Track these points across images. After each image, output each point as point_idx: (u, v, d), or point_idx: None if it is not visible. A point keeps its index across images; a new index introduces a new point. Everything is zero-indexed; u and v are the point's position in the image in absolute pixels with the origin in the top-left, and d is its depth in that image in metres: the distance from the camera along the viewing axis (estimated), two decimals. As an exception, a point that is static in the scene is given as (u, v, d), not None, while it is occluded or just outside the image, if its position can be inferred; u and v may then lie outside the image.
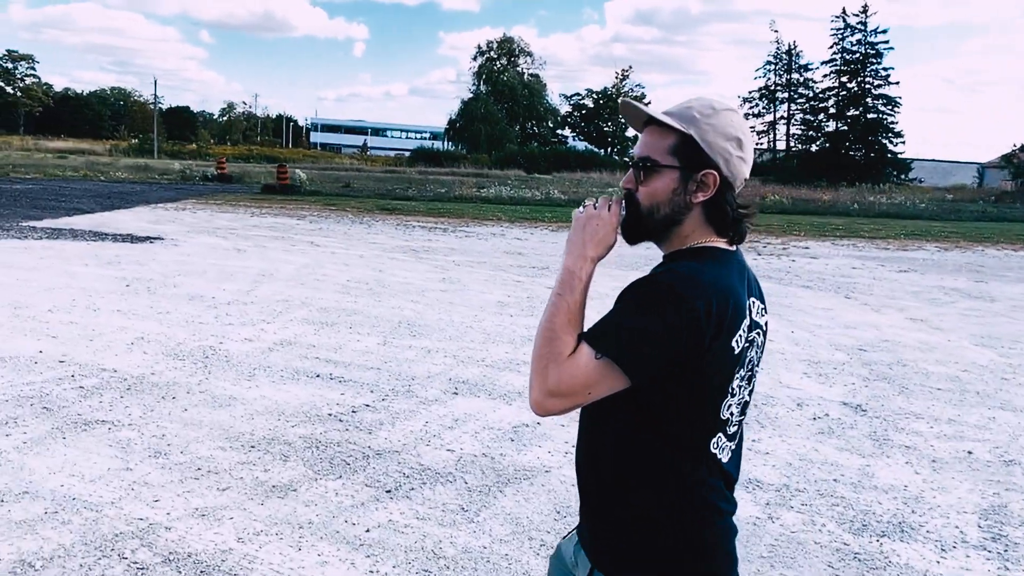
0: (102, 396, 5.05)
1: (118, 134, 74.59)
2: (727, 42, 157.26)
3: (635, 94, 67.07)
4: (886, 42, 54.97)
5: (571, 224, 1.46)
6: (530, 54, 72.78)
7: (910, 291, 10.78)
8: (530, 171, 46.55)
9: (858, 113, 49.36)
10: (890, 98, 49.14)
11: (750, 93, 56.05)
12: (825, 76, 52.91)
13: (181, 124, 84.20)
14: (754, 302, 1.44)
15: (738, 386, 1.42)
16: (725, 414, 1.41)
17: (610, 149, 64.93)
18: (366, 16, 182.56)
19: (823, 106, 51.79)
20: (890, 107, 49.18)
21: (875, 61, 49.04)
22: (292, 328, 7.14)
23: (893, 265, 13.54)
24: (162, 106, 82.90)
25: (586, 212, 1.45)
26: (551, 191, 28.51)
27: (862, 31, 49.11)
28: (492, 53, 70.87)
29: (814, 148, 51.55)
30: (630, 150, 1.51)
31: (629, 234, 1.47)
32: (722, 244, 1.44)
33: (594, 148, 65.13)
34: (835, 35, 50.05)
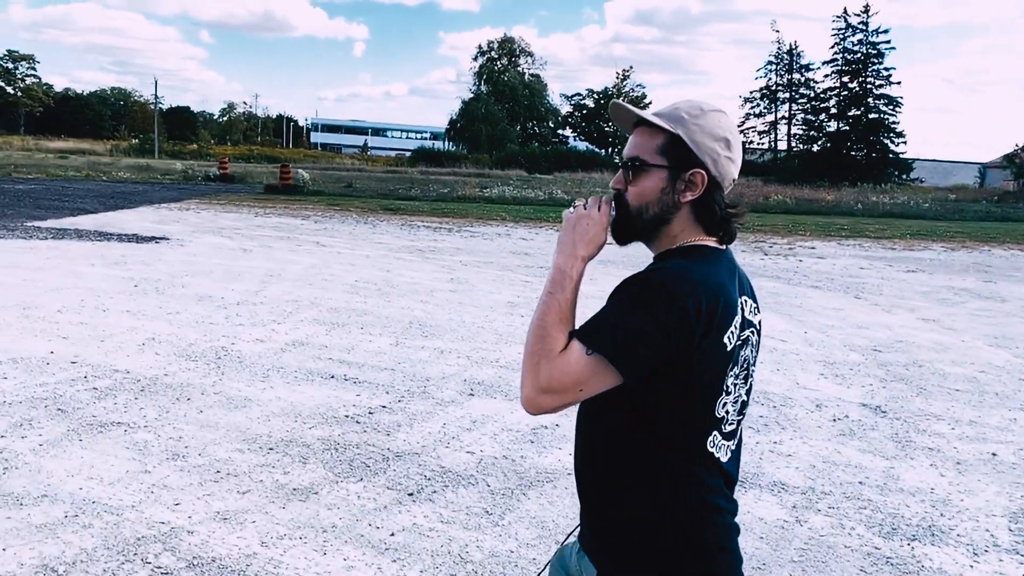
0: (116, 397, 5.00)
1: (118, 134, 74.48)
2: (727, 42, 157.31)
3: (635, 94, 67.08)
4: (887, 42, 54.82)
5: (562, 224, 1.48)
6: (531, 54, 72.82)
7: (920, 291, 10.74)
8: (531, 171, 46.53)
9: (859, 113, 49.29)
10: (891, 98, 49.09)
11: (751, 93, 56.14)
12: (826, 76, 52.97)
13: (181, 124, 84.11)
14: (746, 300, 1.43)
15: (732, 384, 1.41)
16: (720, 412, 1.40)
17: (611, 149, 64.81)
18: (366, 16, 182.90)
19: (824, 106, 51.70)
20: (891, 107, 49.12)
21: (876, 61, 48.97)
22: (303, 328, 7.10)
23: (901, 265, 13.50)
24: (162, 106, 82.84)
25: (576, 212, 1.46)
26: (554, 191, 28.53)
27: (863, 31, 49.04)
28: (493, 53, 70.83)
29: (815, 148, 51.47)
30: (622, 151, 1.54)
31: (619, 234, 1.48)
32: (711, 243, 1.44)
33: (595, 148, 65.14)
34: (836, 35, 50.02)
